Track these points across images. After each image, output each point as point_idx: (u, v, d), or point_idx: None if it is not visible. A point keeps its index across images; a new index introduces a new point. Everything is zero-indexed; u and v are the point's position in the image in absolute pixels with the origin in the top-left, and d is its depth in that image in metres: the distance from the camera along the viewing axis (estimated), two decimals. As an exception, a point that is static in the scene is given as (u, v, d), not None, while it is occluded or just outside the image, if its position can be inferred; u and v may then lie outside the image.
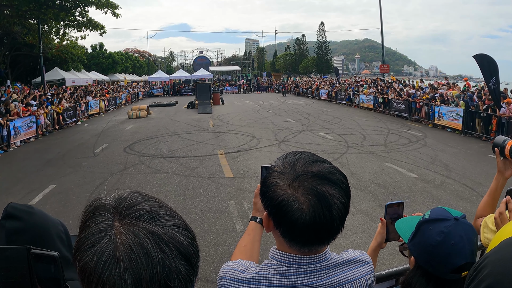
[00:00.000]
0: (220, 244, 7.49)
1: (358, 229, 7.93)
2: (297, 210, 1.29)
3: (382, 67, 43.56)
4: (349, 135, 19.47)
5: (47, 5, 26.80)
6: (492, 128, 18.60)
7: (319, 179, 1.31)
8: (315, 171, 1.33)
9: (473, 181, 11.43)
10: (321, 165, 1.37)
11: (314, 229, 1.30)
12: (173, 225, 0.93)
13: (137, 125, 25.02)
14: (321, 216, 1.28)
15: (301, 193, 1.30)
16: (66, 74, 42.46)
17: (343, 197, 1.33)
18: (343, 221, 1.36)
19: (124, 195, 0.98)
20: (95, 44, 69.52)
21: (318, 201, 1.29)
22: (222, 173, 12.59)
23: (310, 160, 1.39)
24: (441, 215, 1.62)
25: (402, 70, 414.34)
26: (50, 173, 13.38)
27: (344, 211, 1.34)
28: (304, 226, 1.29)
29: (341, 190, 1.34)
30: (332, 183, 1.32)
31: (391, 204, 2.05)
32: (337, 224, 1.33)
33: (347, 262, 1.50)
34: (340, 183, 1.35)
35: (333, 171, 1.36)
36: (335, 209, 1.30)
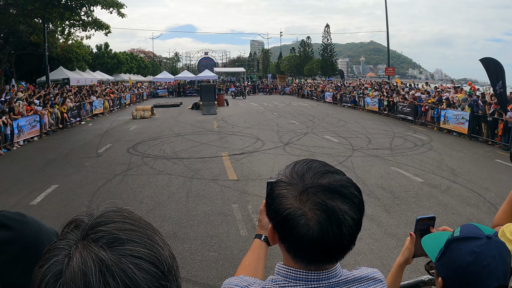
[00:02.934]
0: (223, 248, 7.36)
1: (364, 234, 7.75)
2: (303, 226, 1.18)
3: (388, 70, 43.45)
4: (354, 138, 19.33)
5: (53, 4, 26.76)
6: (498, 132, 18.43)
7: (329, 193, 1.19)
8: (325, 183, 1.21)
9: (480, 186, 11.29)
10: (333, 177, 1.25)
11: (322, 247, 1.19)
12: (132, 255, 0.81)
13: (141, 126, 24.97)
14: (330, 233, 1.16)
15: (309, 207, 1.19)
16: (71, 73, 42.50)
17: (355, 213, 1.21)
18: (354, 239, 1.24)
19: (99, 213, 0.88)
20: (100, 44, 69.57)
21: (327, 217, 1.17)
22: (226, 176, 12.48)
23: (321, 171, 1.26)
24: (472, 233, 1.50)
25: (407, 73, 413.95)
26: (52, 173, 13.32)
27: (355, 228, 1.22)
28: (311, 243, 1.18)
29: (353, 206, 1.21)
30: (343, 198, 1.20)
31: (423, 218, 1.93)
32: (347, 242, 1.21)
33: (359, 280, 1.34)
34: (353, 198, 1.23)
35: (345, 183, 1.24)
36: (345, 226, 1.18)
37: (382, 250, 7.13)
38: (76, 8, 28.94)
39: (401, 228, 8.13)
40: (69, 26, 33.47)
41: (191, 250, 7.27)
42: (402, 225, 8.30)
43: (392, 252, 7.05)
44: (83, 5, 29.06)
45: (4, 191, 11.28)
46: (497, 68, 18.08)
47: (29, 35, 36.12)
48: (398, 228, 8.12)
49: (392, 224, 8.37)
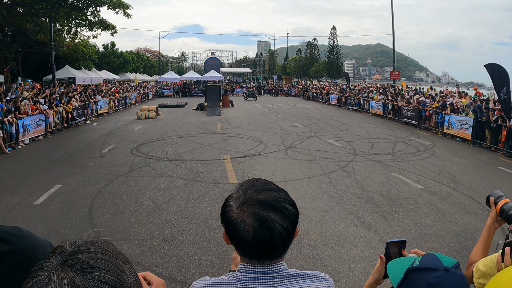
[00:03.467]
0: (219, 252, 7.41)
1: (360, 242, 7.81)
2: (242, 230, 1.53)
3: (393, 74, 43.41)
4: (357, 143, 19.33)
5: (59, 4, 26.88)
6: (502, 139, 18.41)
7: (263, 206, 1.53)
8: (261, 198, 1.55)
9: (480, 194, 11.26)
10: (269, 193, 1.58)
11: (256, 247, 1.53)
12: (99, 280, 0.97)
13: (145, 126, 25.08)
14: (262, 237, 1.50)
15: (247, 216, 1.53)
16: (77, 72, 42.73)
17: (285, 223, 1.53)
18: (287, 242, 1.57)
19: (79, 242, 1.06)
20: (106, 43, 69.86)
21: (260, 224, 1.50)
22: (227, 179, 12.51)
23: (260, 188, 1.60)
24: (431, 264, 1.54)
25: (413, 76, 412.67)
26: (56, 173, 13.42)
27: (286, 235, 1.54)
28: (248, 243, 1.53)
29: (284, 216, 1.54)
30: (276, 210, 1.53)
31: (393, 242, 1.97)
32: (278, 244, 1.53)
33: (302, 276, 1.64)
34: (285, 210, 1.56)
35: (279, 199, 1.57)
36: (275, 232, 1.51)
37: (377, 258, 7.09)
38: (83, 8, 29.02)
39: (397, 236, 8.08)
40: (76, 26, 33.60)
41: (188, 253, 7.32)
42: (399, 232, 8.31)
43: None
44: (89, 5, 29.17)
45: (8, 190, 11.40)
46: (501, 74, 18.09)
47: (36, 33, 36.30)
48: (394, 236, 8.08)
49: (389, 231, 8.38)
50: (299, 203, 10.06)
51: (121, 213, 9.48)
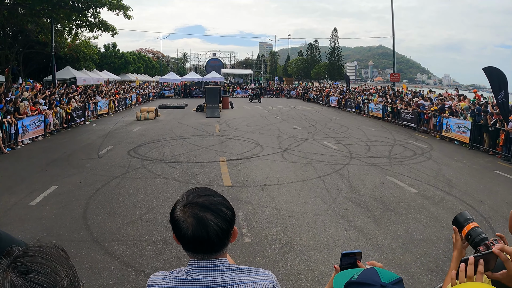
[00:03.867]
0: (208, 255, 7.40)
1: (349, 246, 7.82)
2: (184, 228, 1.78)
3: (393, 76, 43.29)
4: (354, 145, 19.31)
5: (59, 5, 26.94)
6: (500, 142, 18.40)
7: (201, 207, 1.80)
8: (199, 201, 1.82)
9: (475, 199, 11.26)
10: (207, 198, 1.84)
11: (195, 242, 1.79)
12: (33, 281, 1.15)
13: (144, 127, 25.12)
14: (199, 233, 1.76)
15: (188, 216, 1.79)
16: (78, 73, 42.74)
17: (220, 222, 1.79)
18: (223, 239, 1.82)
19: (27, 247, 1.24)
20: (108, 43, 69.86)
21: (197, 222, 1.77)
22: (221, 181, 12.54)
23: (200, 194, 1.87)
24: (368, 279, 1.55)
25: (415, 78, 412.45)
26: (53, 173, 13.48)
27: (221, 233, 1.79)
28: (188, 240, 1.79)
29: (219, 217, 1.80)
30: (212, 211, 1.80)
31: (348, 253, 1.98)
32: (215, 240, 1.79)
33: (242, 270, 1.86)
34: (220, 212, 1.81)
35: (215, 203, 1.84)
36: (211, 229, 1.77)
37: (365, 263, 7.11)
38: (83, 9, 29.10)
39: (387, 240, 8.15)
40: (76, 27, 33.67)
41: (178, 255, 7.36)
42: (389, 237, 8.31)
43: (375, 265, 7.05)
44: (89, 6, 29.24)
45: (6, 190, 11.46)
46: (500, 77, 18.04)
47: (37, 34, 36.38)
48: (384, 241, 8.14)
49: (379, 236, 8.39)
50: (291, 206, 10.14)
51: (114, 214, 9.52)
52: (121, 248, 7.65)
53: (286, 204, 10.36)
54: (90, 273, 6.75)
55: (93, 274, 6.72)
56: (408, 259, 7.35)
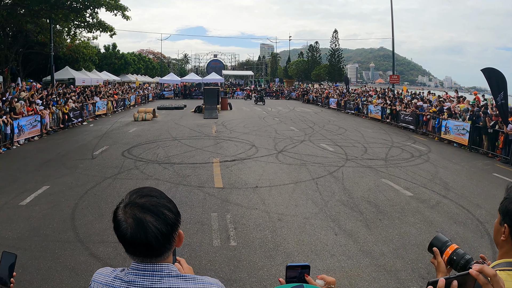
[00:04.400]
0: (193, 258, 7.30)
1: (338, 251, 7.61)
2: (123, 229, 1.69)
3: (392, 78, 43.01)
4: (351, 147, 19.10)
5: (58, 5, 26.92)
6: (499, 145, 18.19)
7: (141, 209, 1.70)
8: (140, 202, 1.72)
9: (471, 202, 11.03)
10: (149, 199, 1.74)
11: (135, 245, 1.70)
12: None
13: (141, 128, 24.99)
14: (137, 236, 1.67)
15: (128, 216, 1.69)
16: (77, 73, 42.72)
17: (160, 225, 1.69)
18: (164, 243, 1.72)
19: None
20: (108, 44, 69.92)
21: (136, 224, 1.67)
22: (213, 183, 12.37)
23: (142, 194, 1.76)
24: None
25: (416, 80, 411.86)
26: (46, 174, 13.45)
27: (161, 236, 1.69)
28: (126, 241, 1.71)
29: (159, 219, 1.69)
30: (152, 213, 1.69)
31: (293, 266, 1.81)
32: (155, 244, 1.69)
33: (184, 277, 1.78)
34: (161, 214, 1.71)
35: (157, 204, 1.73)
36: (149, 232, 1.67)
37: (353, 269, 6.95)
38: (81, 10, 29.08)
39: (378, 245, 7.93)
40: (75, 27, 33.67)
41: None
42: (380, 242, 8.10)
43: (363, 271, 6.88)
44: (87, 7, 29.22)
45: (-3, 190, 11.39)
46: (499, 78, 17.81)
47: (36, 34, 36.38)
48: (375, 246, 7.93)
49: (370, 241, 8.17)
50: (281, 209, 9.97)
51: (102, 215, 9.42)
52: (106, 249, 7.57)
53: (277, 207, 10.18)
54: (72, 274, 6.68)
55: (75, 275, 6.66)
56: (399, 265, 7.12)
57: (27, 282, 6.39)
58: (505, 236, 1.97)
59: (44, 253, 7.38)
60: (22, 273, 6.56)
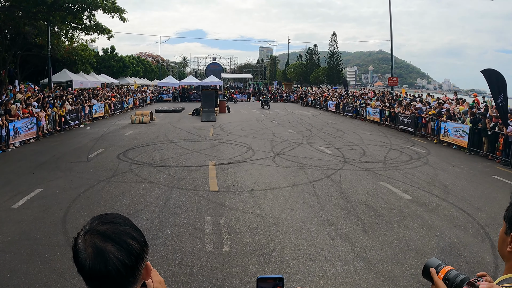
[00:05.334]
0: (184, 263, 7.12)
1: (334, 256, 7.40)
2: (83, 259, 1.49)
3: (391, 80, 42.84)
4: (349, 150, 18.90)
5: (55, 7, 26.82)
6: (499, 147, 18.01)
7: (103, 237, 1.50)
8: (101, 229, 1.53)
9: (471, 206, 10.83)
10: (112, 226, 1.55)
11: (94, 278, 1.49)
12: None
13: (138, 131, 24.81)
14: (97, 268, 1.47)
15: (87, 245, 1.50)
16: (74, 76, 42.58)
17: (122, 255, 1.50)
18: (127, 277, 1.53)
19: None
20: (106, 47, 69.89)
21: (95, 254, 1.48)
22: (208, 186, 12.17)
23: (105, 220, 1.57)
24: None
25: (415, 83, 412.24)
26: (40, 176, 13.30)
27: (123, 268, 1.49)
28: (85, 273, 1.49)
29: (122, 249, 1.50)
30: (114, 243, 1.50)
31: (264, 278, 1.63)
32: (116, 277, 1.49)
33: None
34: (123, 244, 1.52)
35: (119, 232, 1.54)
36: (110, 263, 1.47)
37: (350, 275, 6.74)
38: (78, 12, 28.99)
39: (376, 251, 7.71)
40: (72, 30, 33.60)
41: (152, 263, 6.83)
42: (378, 247, 7.88)
43: (360, 277, 6.67)
44: (85, 9, 29.12)
45: (-10, 192, 11.27)
46: (499, 80, 17.64)
47: (34, 36, 36.24)
48: (372, 251, 7.71)
49: (368, 245, 7.96)
50: (277, 213, 9.78)
51: (94, 219, 9.18)
52: (95, 255, 7.32)
53: (272, 211, 9.98)
54: (60, 279, 6.55)
55: (63, 280, 6.52)
56: (397, 271, 6.90)
57: (14, 286, 6.25)
58: None
59: (33, 257, 7.23)
60: (11, 278, 6.45)
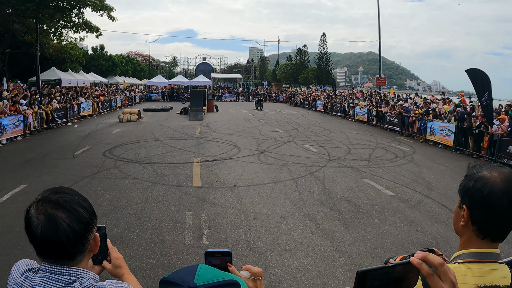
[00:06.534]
0: (163, 255, 7.13)
1: (313, 250, 7.42)
2: (34, 227, 1.55)
3: (379, 80, 42.95)
4: (334, 148, 18.95)
5: (43, 5, 26.73)
6: (484, 145, 18.16)
7: (53, 205, 1.56)
8: (53, 198, 1.58)
9: (454, 202, 10.78)
10: (63, 195, 1.61)
11: (45, 244, 1.55)
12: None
13: (125, 129, 24.75)
14: (48, 234, 1.53)
15: (39, 213, 1.56)
16: (63, 74, 42.32)
17: (72, 222, 1.56)
18: (77, 244, 1.58)
19: None
20: (96, 46, 69.58)
21: (47, 221, 1.54)
22: (191, 182, 12.18)
23: (57, 191, 1.63)
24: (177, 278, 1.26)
25: (405, 84, 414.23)
26: (25, 173, 13.25)
27: (73, 235, 1.55)
28: (37, 239, 1.55)
29: (72, 216, 1.56)
30: (64, 209, 1.56)
31: (212, 252, 1.61)
32: (67, 244, 1.55)
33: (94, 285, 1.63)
34: (74, 212, 1.57)
35: (70, 201, 1.60)
36: (61, 229, 1.53)
37: (327, 268, 6.77)
38: (67, 9, 28.90)
39: (355, 245, 7.74)
40: (61, 27, 33.46)
41: (131, 255, 7.09)
42: (358, 241, 7.91)
43: (338, 271, 6.69)
44: (73, 7, 29.04)
45: (-25, 188, 11.25)
46: (483, 79, 17.75)
47: (23, 34, 36.04)
48: (352, 245, 7.73)
49: (347, 240, 7.98)
50: (258, 208, 9.79)
51: (76, 214, 9.16)
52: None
53: (253, 206, 10.00)
54: None
55: None
56: (376, 264, 6.92)
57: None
58: (465, 220, 1.70)
59: (15, 250, 7.21)
60: (-8, 269, 6.41)
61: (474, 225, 1.68)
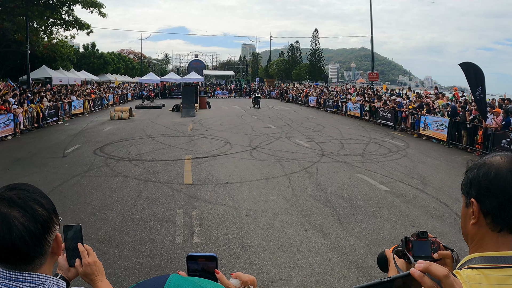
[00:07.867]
0: (153, 255, 6.97)
1: (306, 247, 7.26)
2: None
3: (371, 75, 42.92)
4: (327, 143, 18.82)
5: (33, 2, 26.48)
6: (478, 139, 18.07)
7: (8, 202, 1.41)
8: (7, 196, 1.43)
9: (449, 196, 10.77)
10: (18, 192, 1.45)
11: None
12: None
13: (116, 127, 24.53)
14: (1, 234, 1.37)
15: None
16: (54, 72, 41.96)
17: (28, 222, 1.40)
18: (33, 246, 1.42)
19: None
20: (87, 43, 69.15)
21: (0, 221, 1.38)
22: (182, 179, 12.01)
23: (13, 187, 1.48)
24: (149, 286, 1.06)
25: (397, 79, 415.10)
26: (15, 172, 13.09)
27: (28, 236, 1.40)
28: None
29: (27, 215, 1.41)
30: (20, 208, 1.41)
31: (195, 256, 1.43)
32: (20, 246, 1.39)
33: None
34: (29, 210, 1.42)
35: (26, 198, 1.44)
36: (14, 230, 1.38)
37: (322, 266, 6.61)
38: (57, 7, 28.65)
39: (350, 241, 7.60)
40: (51, 25, 33.18)
41: (120, 255, 6.92)
42: (352, 238, 7.76)
43: (333, 268, 6.54)
44: (63, 4, 28.78)
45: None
46: (476, 73, 17.63)
47: (13, 32, 35.72)
48: (346, 241, 7.59)
49: (342, 236, 7.84)
50: (250, 205, 9.62)
51: (65, 212, 8.99)
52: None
53: (245, 203, 9.84)
54: None
55: None
56: (371, 261, 6.75)
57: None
58: (475, 216, 1.50)
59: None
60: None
61: (487, 218, 1.47)
